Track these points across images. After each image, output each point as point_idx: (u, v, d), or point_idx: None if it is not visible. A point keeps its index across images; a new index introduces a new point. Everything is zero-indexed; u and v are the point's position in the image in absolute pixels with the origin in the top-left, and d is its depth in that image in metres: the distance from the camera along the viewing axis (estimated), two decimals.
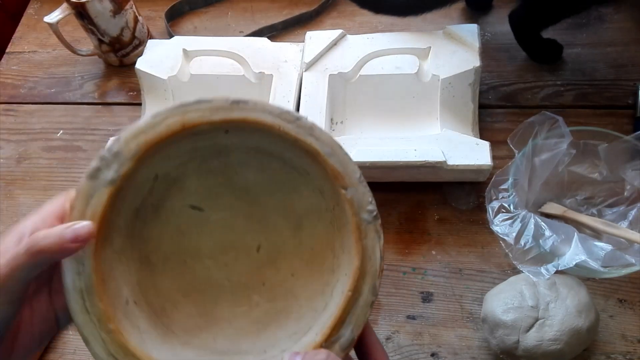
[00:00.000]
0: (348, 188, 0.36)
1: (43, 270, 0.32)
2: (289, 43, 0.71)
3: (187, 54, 0.69)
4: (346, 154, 0.36)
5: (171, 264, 0.40)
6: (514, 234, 0.49)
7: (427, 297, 0.57)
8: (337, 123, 0.65)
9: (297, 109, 0.64)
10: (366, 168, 0.58)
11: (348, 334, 0.35)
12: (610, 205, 0.57)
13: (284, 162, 0.39)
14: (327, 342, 0.35)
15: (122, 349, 0.33)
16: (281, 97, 0.64)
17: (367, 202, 0.36)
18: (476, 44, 0.63)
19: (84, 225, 0.32)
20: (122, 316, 0.34)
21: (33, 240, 0.31)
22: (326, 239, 0.39)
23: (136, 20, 0.76)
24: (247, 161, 0.40)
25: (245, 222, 0.41)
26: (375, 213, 0.36)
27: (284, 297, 0.40)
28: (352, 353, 0.37)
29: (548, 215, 0.57)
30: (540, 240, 0.49)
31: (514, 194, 0.51)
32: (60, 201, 0.35)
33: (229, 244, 0.41)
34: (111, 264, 0.35)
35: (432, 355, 0.54)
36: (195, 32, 0.82)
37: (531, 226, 0.49)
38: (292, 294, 0.40)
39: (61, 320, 0.35)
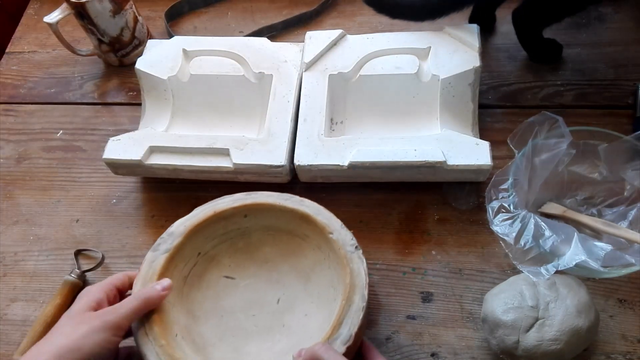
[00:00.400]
0: (334, 233, 0.51)
1: None
2: (289, 43, 0.71)
3: (187, 54, 0.69)
4: (329, 212, 0.53)
5: (210, 317, 0.53)
6: (514, 234, 0.49)
7: (427, 297, 0.57)
8: (337, 123, 0.65)
9: (297, 109, 0.64)
10: (366, 168, 0.58)
11: (346, 332, 0.46)
12: (610, 205, 0.57)
13: (289, 234, 0.55)
14: (330, 339, 0.46)
15: (170, 358, 0.46)
16: (281, 97, 0.64)
17: (349, 239, 0.51)
18: (476, 44, 0.63)
19: (167, 280, 0.49)
20: (172, 342, 0.48)
21: (142, 295, 0.47)
22: (327, 280, 0.53)
23: (136, 20, 0.77)
24: (263, 239, 0.56)
25: (267, 284, 0.55)
26: (356, 246, 0.51)
27: (301, 332, 0.51)
28: None
29: (548, 215, 0.57)
30: (540, 240, 0.49)
31: (514, 194, 0.51)
32: (120, 276, 0.50)
33: (255, 301, 0.54)
34: (165, 309, 0.49)
35: (432, 355, 0.54)
36: (195, 32, 0.82)
37: (531, 226, 0.49)
38: (306, 328, 0.52)
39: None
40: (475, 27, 0.65)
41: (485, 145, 0.58)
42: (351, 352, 0.47)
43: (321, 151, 0.60)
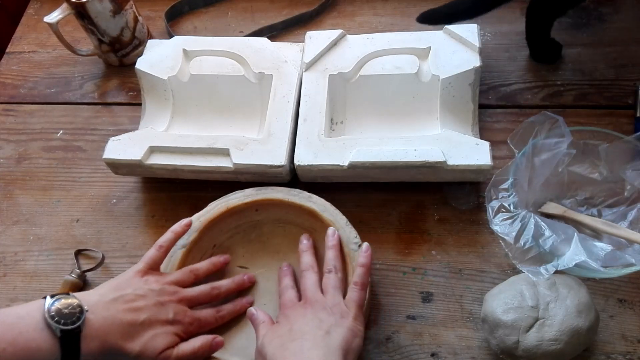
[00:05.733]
0: (338, 230, 0.54)
1: None
2: (289, 43, 0.71)
3: (187, 54, 0.69)
4: (335, 209, 0.55)
5: None
6: (514, 234, 0.49)
7: (427, 297, 0.57)
8: (337, 123, 0.65)
9: (297, 109, 0.64)
10: (366, 168, 0.58)
11: None
12: (610, 205, 0.57)
13: (298, 226, 0.58)
14: None
15: None
16: (281, 97, 0.64)
17: (353, 237, 0.53)
18: (476, 44, 0.63)
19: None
20: None
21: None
22: None
23: (136, 20, 0.77)
24: (274, 230, 0.59)
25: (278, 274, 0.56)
26: (359, 244, 0.53)
27: None
28: None
29: (548, 215, 0.57)
30: (540, 240, 0.49)
31: (513, 193, 0.51)
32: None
33: (267, 290, 0.57)
34: None
35: (432, 355, 0.54)
36: (195, 32, 0.82)
37: (531, 226, 0.49)
38: None
39: None
40: (475, 27, 0.65)
41: (485, 145, 0.58)
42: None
43: (321, 151, 0.60)
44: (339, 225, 0.54)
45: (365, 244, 0.52)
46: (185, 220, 0.55)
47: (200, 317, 0.52)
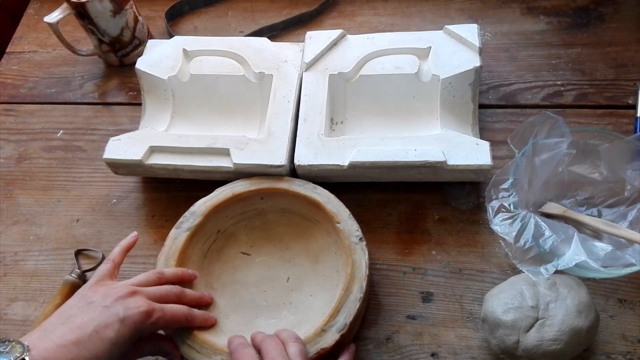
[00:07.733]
0: (341, 222, 0.55)
1: None
2: (289, 43, 0.71)
3: (187, 54, 0.69)
4: (339, 201, 0.56)
5: (226, 289, 0.57)
6: (514, 234, 0.49)
7: (427, 297, 0.57)
8: (337, 123, 0.66)
9: (297, 109, 0.64)
10: (366, 168, 0.58)
11: (342, 320, 0.49)
12: (610, 205, 0.57)
13: (302, 217, 0.59)
14: (327, 326, 0.49)
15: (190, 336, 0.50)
16: (281, 97, 0.64)
17: (355, 230, 0.54)
18: (476, 44, 0.63)
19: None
20: None
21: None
22: (333, 265, 0.56)
23: (136, 20, 0.77)
24: (278, 219, 0.60)
25: (279, 262, 0.59)
26: (360, 237, 0.53)
27: (304, 311, 0.55)
28: None
29: (548, 215, 0.57)
30: (540, 240, 0.49)
31: (513, 193, 0.51)
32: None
33: (267, 277, 0.58)
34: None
35: (432, 355, 0.54)
36: (195, 32, 0.82)
37: (531, 226, 0.49)
38: (310, 308, 0.55)
39: None
40: (475, 27, 0.65)
41: (485, 145, 0.58)
42: (345, 340, 0.50)
43: (321, 151, 0.60)
44: (341, 217, 0.55)
45: (352, 346, 0.50)
46: (133, 233, 0.55)
47: (166, 308, 0.48)
